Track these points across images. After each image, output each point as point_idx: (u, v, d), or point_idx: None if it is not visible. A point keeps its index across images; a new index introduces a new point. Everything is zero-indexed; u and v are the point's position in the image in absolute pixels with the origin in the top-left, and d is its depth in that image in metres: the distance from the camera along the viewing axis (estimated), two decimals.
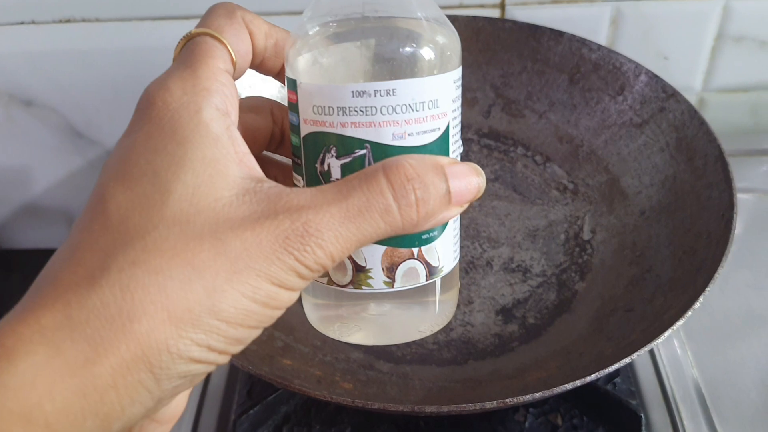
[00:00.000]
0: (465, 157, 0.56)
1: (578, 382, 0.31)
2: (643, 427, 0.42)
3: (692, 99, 0.68)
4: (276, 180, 0.27)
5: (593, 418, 0.43)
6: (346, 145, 0.24)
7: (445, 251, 0.27)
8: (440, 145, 0.25)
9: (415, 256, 0.26)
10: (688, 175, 0.44)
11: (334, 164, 0.25)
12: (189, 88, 0.22)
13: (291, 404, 0.44)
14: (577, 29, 0.54)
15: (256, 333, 0.21)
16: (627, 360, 0.32)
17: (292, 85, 0.25)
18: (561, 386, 0.31)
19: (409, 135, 0.24)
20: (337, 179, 0.25)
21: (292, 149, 0.27)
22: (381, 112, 0.24)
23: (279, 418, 0.44)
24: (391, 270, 0.26)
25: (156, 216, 0.20)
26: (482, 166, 0.55)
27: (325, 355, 0.42)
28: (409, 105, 0.24)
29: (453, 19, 0.54)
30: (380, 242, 0.25)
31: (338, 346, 0.44)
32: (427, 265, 0.26)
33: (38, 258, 0.76)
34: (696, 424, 0.44)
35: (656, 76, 0.48)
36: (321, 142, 0.25)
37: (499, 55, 0.54)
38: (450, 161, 0.23)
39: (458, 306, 0.48)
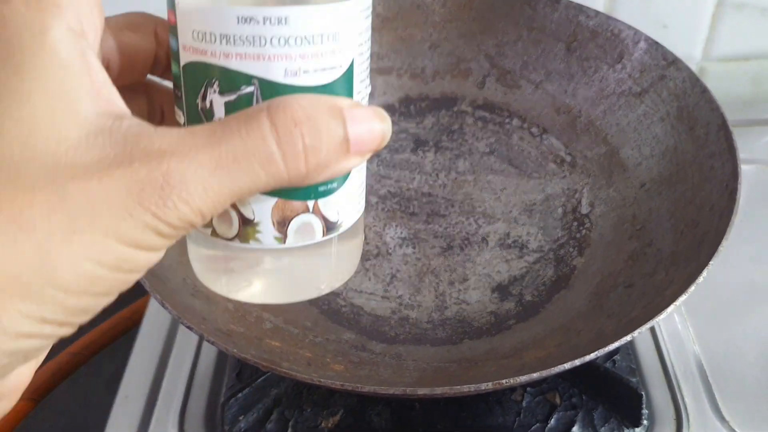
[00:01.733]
0: (458, 130, 0.54)
1: (577, 362, 0.30)
2: (644, 406, 0.41)
3: (692, 68, 0.66)
4: (162, 112, 0.23)
5: (592, 397, 0.42)
6: (230, 79, 0.21)
7: (346, 204, 0.24)
8: (342, 86, 0.22)
9: (311, 210, 0.23)
10: (689, 145, 0.42)
11: (216, 101, 0.22)
12: (34, 2, 0.18)
13: (281, 386, 0.43)
14: None
15: (106, 300, 0.18)
16: (628, 338, 0.31)
17: (171, 3, 0.22)
18: (559, 366, 0.30)
19: (304, 72, 0.21)
20: (221, 119, 0.21)
21: (173, 78, 0.23)
22: (271, 44, 0.21)
23: (269, 400, 0.42)
24: (282, 225, 0.23)
25: None
26: (477, 139, 0.54)
27: (315, 336, 0.41)
28: (305, 37, 0.21)
29: None
30: (270, 193, 0.22)
31: (329, 327, 0.43)
32: (325, 220, 0.24)
33: None
34: (698, 401, 0.42)
35: (656, 42, 0.46)
36: (202, 73, 0.22)
37: (494, 23, 0.52)
38: (350, 103, 0.20)
39: (453, 284, 0.47)
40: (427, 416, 0.41)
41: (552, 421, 0.41)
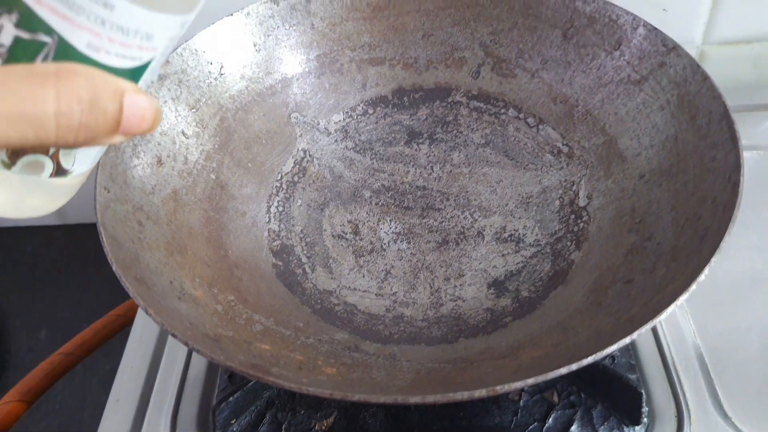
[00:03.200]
0: (453, 121, 0.53)
1: (574, 366, 0.29)
2: (644, 404, 0.40)
3: (692, 52, 0.64)
4: None
5: (591, 395, 0.41)
6: (33, 21, 0.21)
7: (84, 158, 0.25)
8: (133, 73, 0.23)
9: (49, 155, 0.24)
10: (690, 135, 0.41)
11: (7, 28, 0.21)
12: None
13: (274, 389, 0.42)
14: None
15: None
16: (627, 340, 0.30)
17: None
18: (555, 370, 0.29)
19: (105, 52, 0.22)
20: (2, 46, 0.21)
21: None
22: (87, 18, 0.21)
23: (262, 403, 0.42)
24: (15, 155, 0.23)
25: None
26: (472, 131, 0.52)
27: (307, 337, 0.40)
28: (122, 27, 0.22)
29: None
30: None
31: (322, 327, 0.42)
32: (58, 165, 0.25)
33: (18, 236, 0.74)
34: (699, 397, 0.42)
35: (655, 28, 0.44)
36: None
37: (488, 10, 0.51)
38: (133, 88, 0.21)
39: (449, 280, 0.45)
40: (422, 417, 0.40)
41: (550, 421, 0.40)
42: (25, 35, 0.21)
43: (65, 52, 0.21)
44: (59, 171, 0.25)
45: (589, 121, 0.47)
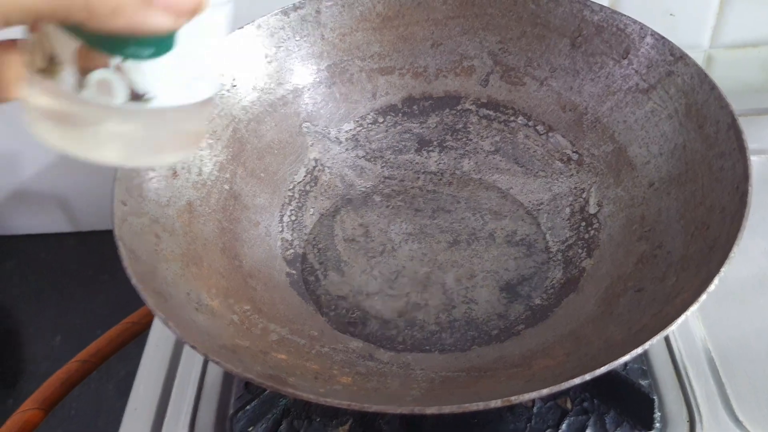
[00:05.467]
0: (462, 129, 0.53)
1: (588, 376, 0.29)
2: (656, 409, 0.40)
3: (700, 56, 0.65)
4: None
5: (604, 401, 0.41)
6: None
7: (162, 78, 0.23)
8: None
9: (112, 68, 0.22)
10: (698, 143, 0.41)
11: None
12: None
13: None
14: None
15: None
16: (639, 350, 0.30)
17: None
18: (569, 380, 0.29)
19: None
20: None
21: None
22: None
23: (278, 411, 0.42)
24: (83, 72, 0.22)
25: None
26: (481, 138, 0.53)
27: (322, 346, 0.41)
28: None
29: None
30: (74, 35, 0.21)
31: (336, 336, 0.43)
32: (131, 84, 0.22)
33: (32, 243, 0.75)
34: (711, 402, 0.42)
35: (663, 37, 0.45)
36: None
37: (496, 19, 0.51)
38: None
39: (460, 281, 0.46)
40: (437, 424, 0.41)
41: (563, 427, 0.41)
42: None
43: None
44: (134, 93, 0.23)
45: (598, 129, 0.48)
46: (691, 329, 0.46)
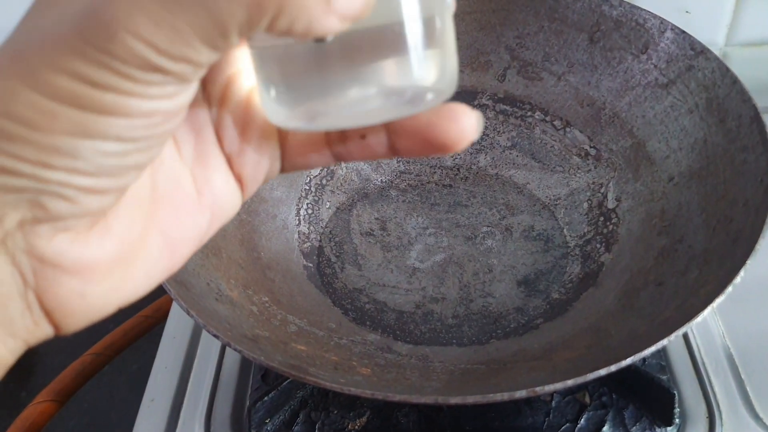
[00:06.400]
0: None
1: (613, 368, 0.29)
2: (676, 404, 0.40)
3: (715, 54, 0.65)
4: None
5: (623, 396, 0.41)
6: None
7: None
8: None
9: None
10: (720, 137, 0.41)
11: None
12: None
13: (307, 388, 0.42)
14: None
15: (85, 146, 0.17)
16: (664, 342, 0.30)
17: None
18: (593, 372, 0.29)
19: None
20: None
21: None
22: None
23: (296, 403, 0.42)
24: None
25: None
26: (498, 133, 0.53)
27: (340, 338, 0.41)
28: None
29: None
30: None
31: (354, 329, 0.43)
32: None
33: None
34: (730, 398, 0.42)
35: (683, 32, 0.45)
36: None
37: (514, 14, 0.51)
38: None
39: (477, 275, 0.46)
40: (455, 417, 0.41)
41: (582, 421, 0.40)
42: None
43: None
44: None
45: (616, 124, 0.48)
46: (709, 326, 0.46)
